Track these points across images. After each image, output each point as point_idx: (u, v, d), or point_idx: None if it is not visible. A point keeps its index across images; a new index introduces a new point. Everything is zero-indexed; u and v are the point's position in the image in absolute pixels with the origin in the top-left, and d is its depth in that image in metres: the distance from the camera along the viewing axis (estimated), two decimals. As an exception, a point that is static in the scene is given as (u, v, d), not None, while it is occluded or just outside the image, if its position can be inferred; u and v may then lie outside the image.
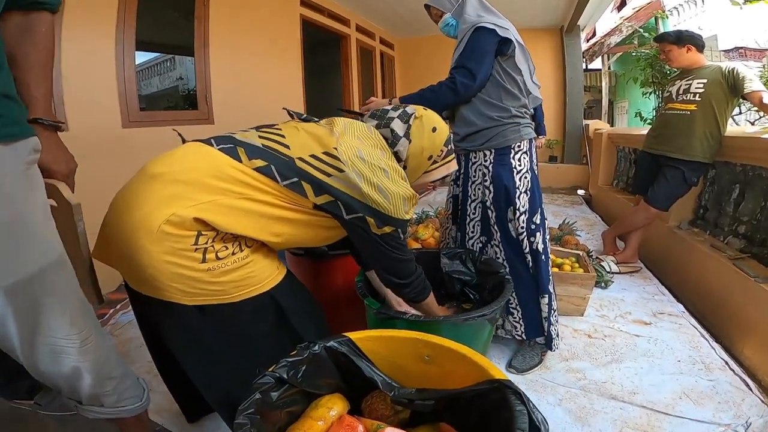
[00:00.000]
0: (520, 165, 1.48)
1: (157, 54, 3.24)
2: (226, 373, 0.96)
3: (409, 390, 0.86)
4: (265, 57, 3.68)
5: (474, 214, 1.59)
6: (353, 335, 0.93)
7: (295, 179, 0.87)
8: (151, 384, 1.51)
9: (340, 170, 0.89)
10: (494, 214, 1.52)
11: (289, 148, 0.90)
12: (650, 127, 2.64)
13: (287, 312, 0.98)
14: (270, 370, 0.80)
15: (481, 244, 1.60)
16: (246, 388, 0.77)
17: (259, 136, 0.92)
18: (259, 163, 0.86)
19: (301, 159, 0.89)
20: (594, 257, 2.50)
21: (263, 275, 0.93)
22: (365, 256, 1.06)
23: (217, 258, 0.83)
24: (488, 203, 1.52)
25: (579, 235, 2.97)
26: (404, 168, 1.05)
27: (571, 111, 6.09)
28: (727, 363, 1.60)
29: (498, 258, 1.53)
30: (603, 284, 2.33)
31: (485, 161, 1.50)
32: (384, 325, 1.23)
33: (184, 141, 0.93)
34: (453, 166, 1.15)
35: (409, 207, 0.98)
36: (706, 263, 2.11)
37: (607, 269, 2.44)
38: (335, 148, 0.91)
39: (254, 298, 0.91)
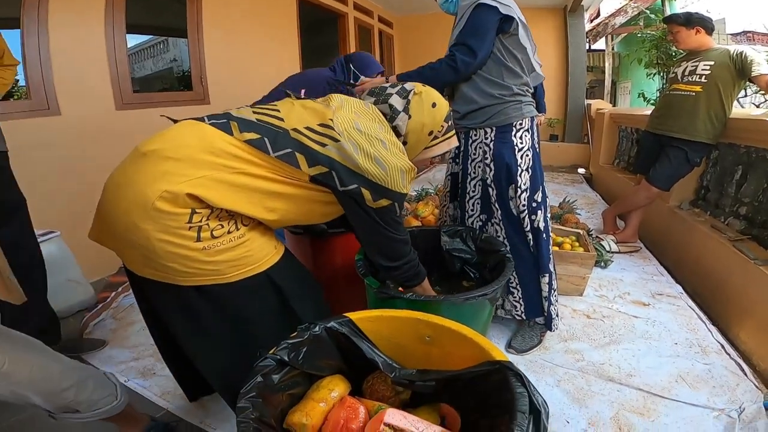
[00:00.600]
0: (521, 143, 1.46)
1: (150, 36, 3.19)
2: (226, 355, 0.96)
3: (410, 371, 0.86)
4: (261, 37, 3.59)
5: (474, 191, 1.58)
6: (353, 315, 0.92)
7: (288, 150, 0.85)
8: (155, 367, 1.53)
9: (336, 140, 0.87)
10: (495, 192, 1.50)
11: (283, 121, 0.89)
12: (654, 107, 2.61)
13: (285, 292, 0.97)
14: (271, 352, 0.80)
15: (481, 222, 1.59)
16: (247, 371, 0.77)
17: (254, 112, 0.91)
18: (251, 135, 0.84)
19: (295, 130, 0.87)
20: (594, 236, 2.50)
21: (260, 254, 0.92)
22: (358, 233, 1.03)
23: (213, 236, 0.82)
24: (489, 181, 1.51)
25: (579, 214, 2.98)
26: (404, 144, 1.03)
27: (573, 90, 6.03)
28: (723, 347, 1.61)
29: (498, 236, 1.53)
30: (602, 264, 2.33)
31: (486, 139, 1.48)
32: (384, 305, 1.23)
33: (175, 123, 0.91)
34: (454, 142, 1.13)
35: (407, 180, 0.95)
36: (706, 244, 2.11)
37: (607, 248, 2.44)
38: (331, 120, 0.89)
39: (251, 278, 0.90)
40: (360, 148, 0.88)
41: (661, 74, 5.20)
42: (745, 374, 1.45)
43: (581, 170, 5.15)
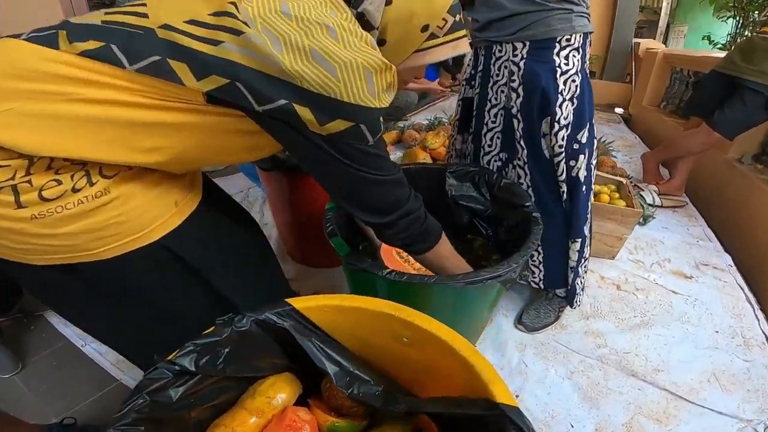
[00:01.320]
0: (567, 64, 1.06)
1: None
2: (130, 335, 0.74)
3: (374, 390, 0.61)
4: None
5: (494, 122, 1.21)
6: (301, 303, 0.66)
7: (156, 58, 0.52)
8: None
9: (238, 32, 0.52)
10: (522, 125, 1.13)
11: (147, 17, 0.55)
12: (728, 51, 2.15)
13: (196, 266, 0.70)
14: (168, 359, 0.55)
15: (500, 163, 1.24)
16: (169, 344, 0.56)
17: (105, 13, 0.57)
18: (90, 45, 0.52)
19: (166, 27, 0.53)
20: (633, 184, 2.13)
21: (143, 219, 0.62)
22: (315, 178, 0.70)
23: (43, 199, 0.54)
24: (514, 110, 1.13)
25: (615, 157, 2.60)
26: (381, 43, 0.67)
27: (621, 26, 5.33)
28: None
29: (521, 183, 1.19)
30: (642, 219, 1.98)
31: (514, 57, 1.09)
32: (357, 279, 0.97)
33: None
34: (462, 47, 0.74)
35: (379, 84, 0.59)
36: (767, 205, 1.76)
37: (648, 201, 2.09)
38: (233, 4, 0.54)
39: (136, 252, 0.63)
40: (284, 40, 0.53)
41: (737, 18, 4.58)
42: (785, 376, 1.21)
43: (619, 110, 4.68)
